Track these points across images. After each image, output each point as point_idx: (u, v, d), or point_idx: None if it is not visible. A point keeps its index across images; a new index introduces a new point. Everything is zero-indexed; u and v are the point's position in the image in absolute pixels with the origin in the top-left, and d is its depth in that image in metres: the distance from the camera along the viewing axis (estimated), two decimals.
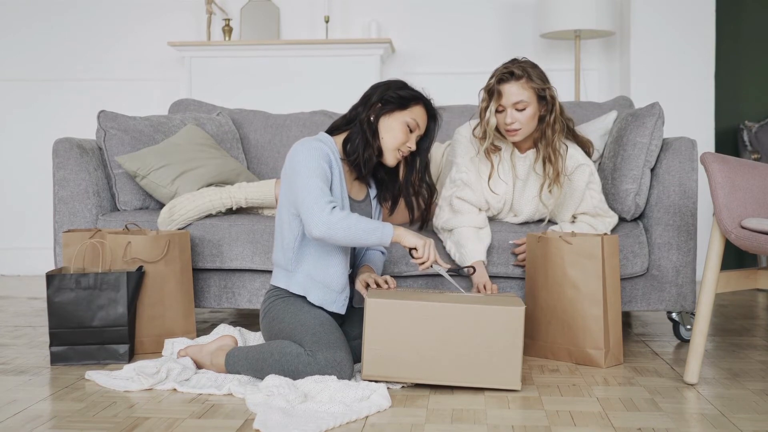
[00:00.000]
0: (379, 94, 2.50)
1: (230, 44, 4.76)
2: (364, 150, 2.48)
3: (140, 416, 2.01)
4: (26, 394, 2.23)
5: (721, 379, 2.39)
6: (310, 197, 2.33)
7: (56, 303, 2.55)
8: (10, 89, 5.08)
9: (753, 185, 2.30)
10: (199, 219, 2.95)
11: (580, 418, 2.00)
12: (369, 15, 4.89)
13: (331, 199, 2.34)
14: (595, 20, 4.32)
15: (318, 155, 2.40)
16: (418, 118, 2.50)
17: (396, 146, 2.49)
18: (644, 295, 2.85)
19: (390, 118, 2.49)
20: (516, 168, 2.81)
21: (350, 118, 2.54)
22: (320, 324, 2.32)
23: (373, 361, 2.25)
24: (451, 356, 2.23)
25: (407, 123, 2.49)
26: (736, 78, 4.80)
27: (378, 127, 2.49)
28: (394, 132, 2.48)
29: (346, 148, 2.51)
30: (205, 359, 2.45)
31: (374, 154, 2.49)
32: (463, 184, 2.79)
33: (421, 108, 2.52)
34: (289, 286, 2.46)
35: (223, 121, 3.51)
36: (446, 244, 2.81)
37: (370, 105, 2.50)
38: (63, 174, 3.07)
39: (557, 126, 2.71)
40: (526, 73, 2.67)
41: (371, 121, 2.49)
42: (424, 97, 2.54)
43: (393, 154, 2.50)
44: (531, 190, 2.82)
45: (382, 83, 2.55)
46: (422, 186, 2.61)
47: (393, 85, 2.52)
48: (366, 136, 2.48)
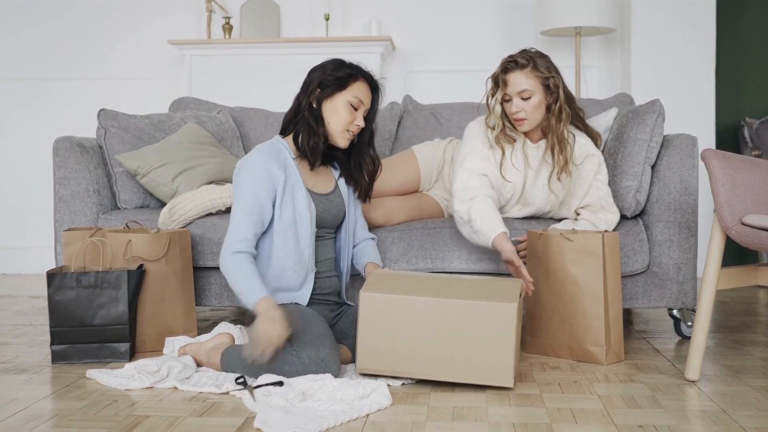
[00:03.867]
0: (317, 78, 2.48)
1: (230, 42, 4.75)
2: (308, 139, 2.46)
3: (141, 414, 2.01)
4: (27, 392, 2.23)
5: (722, 376, 2.39)
6: (228, 234, 2.40)
7: (57, 302, 2.55)
8: (10, 88, 5.08)
9: (754, 182, 2.30)
10: (200, 217, 2.95)
11: (581, 415, 2.00)
12: (369, 13, 4.89)
13: (243, 239, 2.36)
14: (596, 17, 4.32)
15: (255, 178, 2.39)
16: (360, 95, 2.48)
17: (344, 128, 2.48)
18: (645, 293, 2.84)
19: (332, 100, 2.47)
20: (528, 158, 2.81)
21: (296, 109, 2.53)
22: (305, 322, 2.32)
23: (367, 354, 2.25)
24: (443, 351, 2.22)
25: (350, 102, 2.47)
26: (737, 74, 4.79)
27: (322, 113, 2.47)
28: (339, 114, 2.47)
29: (297, 144, 2.50)
30: (203, 357, 2.45)
31: (320, 140, 2.48)
32: (480, 174, 2.75)
33: (362, 83, 2.50)
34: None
35: (223, 119, 3.51)
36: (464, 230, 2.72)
37: (309, 92, 2.48)
38: (63, 172, 3.07)
39: (563, 115, 2.72)
40: (531, 62, 2.69)
41: (314, 107, 2.47)
42: (363, 71, 2.52)
43: (342, 135, 2.49)
44: (543, 180, 2.82)
45: (318, 67, 2.53)
46: (366, 158, 2.59)
47: (329, 67, 2.50)
48: (310, 124, 2.46)
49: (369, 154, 2.59)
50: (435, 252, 2.84)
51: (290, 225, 2.44)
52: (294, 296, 2.49)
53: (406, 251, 2.84)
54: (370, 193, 2.69)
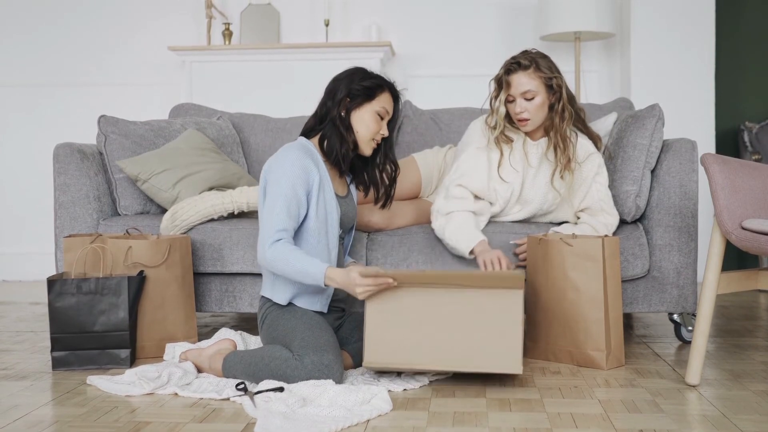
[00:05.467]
0: (344, 87, 2.51)
1: (230, 48, 4.76)
2: (340, 146, 2.49)
3: (142, 421, 2.01)
4: (28, 399, 2.23)
5: (723, 380, 2.39)
6: (264, 227, 2.39)
7: (57, 308, 2.55)
8: (10, 94, 5.09)
9: (753, 186, 2.30)
10: (201, 223, 2.95)
11: (581, 420, 2.00)
12: (369, 18, 4.90)
13: (282, 230, 2.35)
14: (595, 22, 4.32)
15: (293, 173, 2.40)
16: (386, 105, 2.54)
17: (371, 137, 2.52)
18: (645, 297, 2.84)
19: (361, 110, 2.51)
20: (528, 156, 2.82)
21: (321, 115, 2.55)
22: (309, 328, 2.33)
23: (375, 348, 2.25)
24: (451, 341, 2.23)
25: (377, 112, 2.51)
26: (737, 79, 4.79)
27: (350, 122, 2.51)
28: (367, 123, 2.51)
29: (323, 148, 2.52)
30: (204, 363, 2.45)
31: (350, 148, 2.51)
32: (463, 173, 2.80)
33: (387, 94, 2.55)
34: (273, 295, 2.48)
35: (223, 125, 3.51)
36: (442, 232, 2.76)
37: (338, 100, 2.51)
38: (64, 179, 3.07)
39: (566, 114, 2.75)
40: (534, 63, 2.72)
41: (343, 116, 2.50)
42: (388, 81, 2.56)
43: (369, 144, 2.54)
44: (542, 178, 2.83)
45: (343, 75, 2.56)
46: (386, 163, 2.63)
47: (356, 77, 2.53)
48: (340, 132, 2.49)
49: (390, 159, 2.65)
50: (435, 256, 2.84)
51: (323, 224, 2.46)
52: (313, 301, 2.48)
53: (406, 255, 2.84)
54: (392, 198, 2.73)
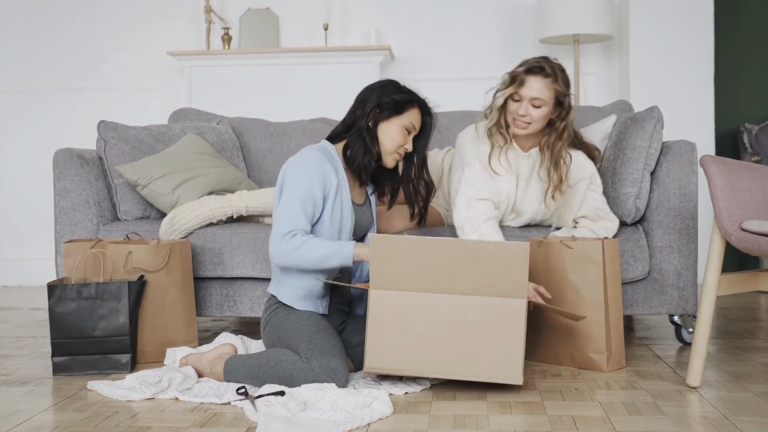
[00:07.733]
0: (375, 98, 2.52)
1: (230, 53, 4.77)
2: (363, 156, 2.50)
3: (142, 426, 2.01)
4: (28, 404, 2.23)
5: (724, 382, 2.39)
6: (278, 223, 2.39)
7: (58, 313, 2.55)
8: (9, 100, 5.09)
9: (753, 187, 2.30)
10: (201, 228, 2.95)
11: (582, 422, 1.99)
12: (368, 22, 4.90)
13: (297, 227, 2.36)
14: (594, 24, 4.33)
15: (311, 175, 2.41)
16: (414, 121, 2.54)
17: (395, 149, 2.54)
18: (646, 299, 2.84)
19: (388, 123, 2.52)
20: (520, 168, 2.80)
21: (349, 123, 2.56)
22: (317, 331, 2.33)
23: (376, 352, 2.25)
24: (453, 348, 2.23)
25: (405, 126, 2.52)
26: (736, 80, 4.80)
27: (377, 133, 2.52)
28: (393, 137, 2.52)
29: (346, 156, 2.53)
30: (205, 368, 2.45)
31: (373, 159, 2.52)
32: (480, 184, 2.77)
33: (416, 109, 2.55)
34: (279, 293, 2.49)
35: (223, 129, 3.51)
36: None
37: (367, 111, 2.52)
38: (63, 184, 3.07)
39: (565, 134, 2.73)
40: (554, 74, 2.69)
41: (370, 127, 2.51)
42: (419, 98, 2.57)
43: (392, 156, 2.55)
44: (534, 191, 2.82)
45: (376, 86, 2.57)
46: (420, 183, 2.64)
47: (388, 89, 2.54)
48: (365, 142, 2.50)
49: (424, 178, 2.65)
50: None
51: (336, 229, 2.47)
52: (316, 304, 2.48)
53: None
54: (425, 215, 2.77)
